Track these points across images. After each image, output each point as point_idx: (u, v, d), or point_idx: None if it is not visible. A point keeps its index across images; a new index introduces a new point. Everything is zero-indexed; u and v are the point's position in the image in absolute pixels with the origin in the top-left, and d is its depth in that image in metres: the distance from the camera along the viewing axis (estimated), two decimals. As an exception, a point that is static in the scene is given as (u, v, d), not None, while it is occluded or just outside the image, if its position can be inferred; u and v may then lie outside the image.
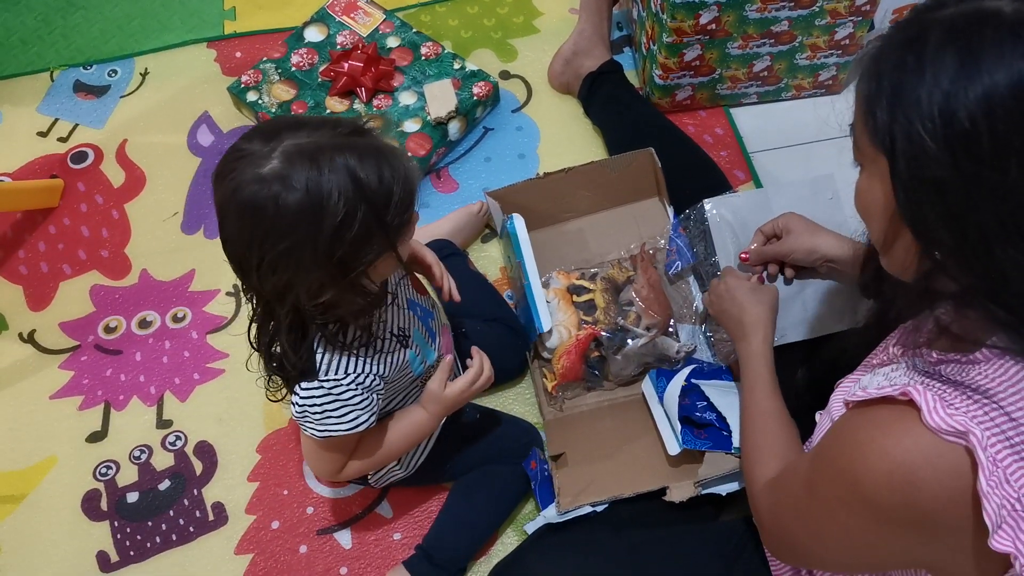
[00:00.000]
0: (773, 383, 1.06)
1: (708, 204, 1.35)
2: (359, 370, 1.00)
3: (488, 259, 1.57)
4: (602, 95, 1.67)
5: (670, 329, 1.38)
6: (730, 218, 1.34)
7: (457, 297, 1.22)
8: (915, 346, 0.78)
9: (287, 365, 0.98)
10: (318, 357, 0.98)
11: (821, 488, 0.78)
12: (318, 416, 1.00)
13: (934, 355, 0.74)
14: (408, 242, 0.97)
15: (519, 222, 1.41)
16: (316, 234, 0.84)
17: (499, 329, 1.39)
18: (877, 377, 0.76)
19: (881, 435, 0.69)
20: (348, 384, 0.99)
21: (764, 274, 1.27)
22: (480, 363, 1.16)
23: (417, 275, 1.20)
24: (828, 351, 1.08)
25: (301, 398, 1.00)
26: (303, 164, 0.83)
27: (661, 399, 1.27)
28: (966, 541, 0.67)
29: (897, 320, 0.86)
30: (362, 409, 1.02)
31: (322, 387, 0.99)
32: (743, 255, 1.27)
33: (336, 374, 0.99)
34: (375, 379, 1.02)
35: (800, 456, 0.92)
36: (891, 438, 0.68)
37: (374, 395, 1.03)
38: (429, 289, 1.27)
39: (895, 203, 0.69)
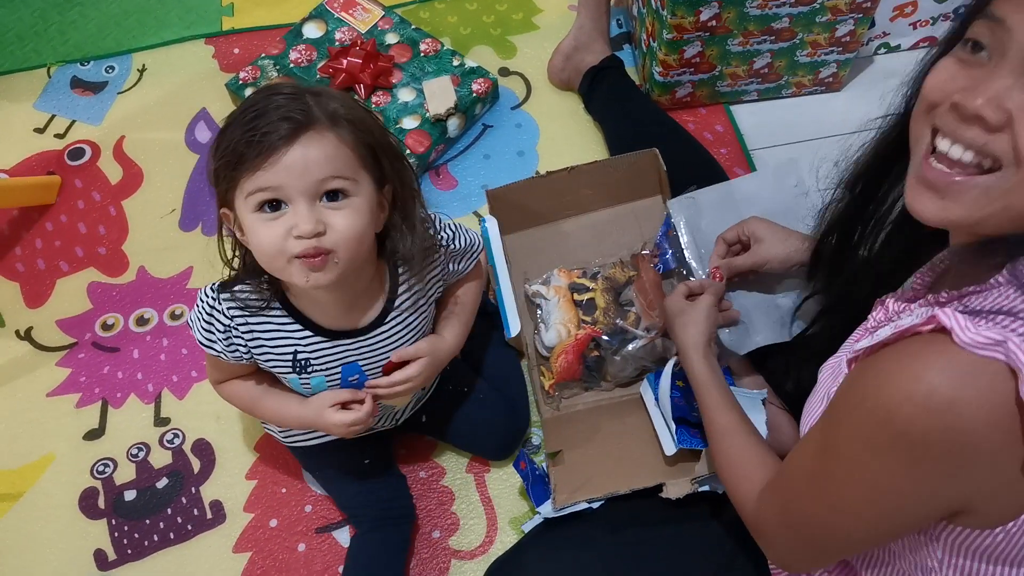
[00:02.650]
0: (723, 398, 1.03)
1: (671, 205, 1.35)
2: (237, 327, 1.04)
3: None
4: (603, 90, 1.66)
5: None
6: (693, 217, 1.35)
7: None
8: (914, 297, 0.76)
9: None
10: (238, 286, 1.03)
11: (843, 444, 0.73)
12: (195, 311, 1.06)
13: (944, 294, 0.72)
14: (246, 207, 0.93)
15: (492, 225, 1.41)
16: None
17: (500, 403, 1.36)
18: (883, 331, 0.73)
19: (912, 362, 0.66)
20: (221, 320, 1.04)
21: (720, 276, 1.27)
22: (368, 410, 1.11)
23: (397, 360, 1.13)
24: (801, 351, 1.08)
25: (202, 291, 1.05)
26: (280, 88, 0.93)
27: (656, 400, 1.27)
28: (1006, 462, 0.65)
29: (862, 300, 0.87)
30: (220, 343, 1.06)
31: (211, 303, 1.04)
32: (714, 271, 1.26)
33: (224, 306, 1.04)
34: (243, 344, 1.06)
35: (798, 444, 0.88)
36: (923, 362, 0.64)
37: (235, 351, 1.07)
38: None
39: None
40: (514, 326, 1.32)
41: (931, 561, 0.76)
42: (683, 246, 1.34)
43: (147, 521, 1.35)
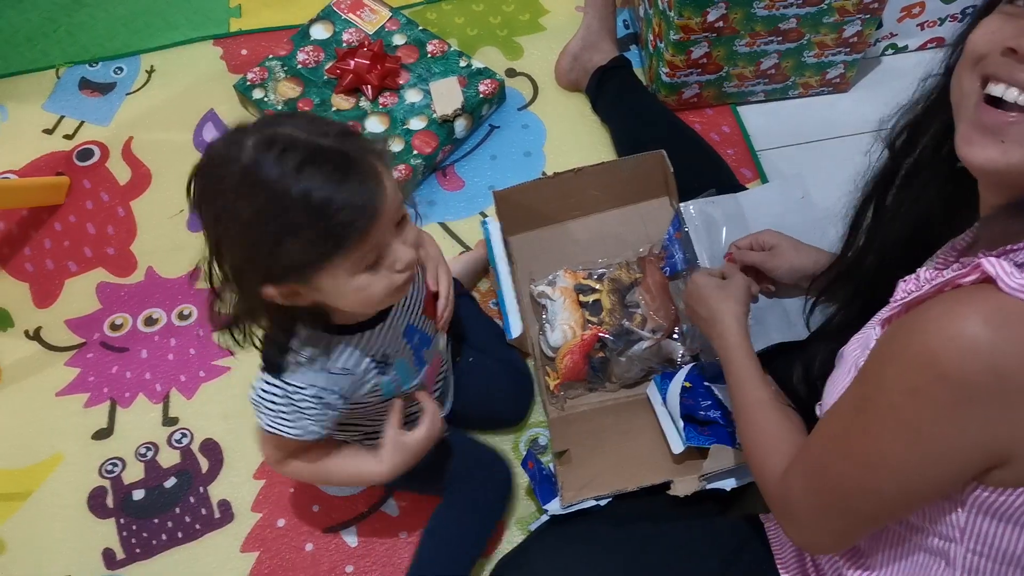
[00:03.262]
0: (760, 373, 1.03)
1: (690, 206, 1.36)
2: (323, 385, 0.99)
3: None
4: (611, 90, 1.67)
5: (675, 335, 1.37)
6: (705, 222, 1.36)
7: (445, 328, 1.21)
8: (946, 265, 0.76)
9: (265, 350, 0.99)
10: (290, 358, 0.97)
11: (883, 393, 0.71)
12: (270, 413, 1.00)
13: (981, 255, 0.72)
14: (348, 277, 0.89)
15: (493, 226, 1.41)
16: (248, 218, 0.82)
17: (507, 370, 1.38)
18: (925, 288, 0.73)
19: (956, 306, 0.66)
20: (308, 395, 0.98)
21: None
22: (432, 409, 1.11)
23: (433, 287, 1.18)
24: (815, 348, 1.08)
25: (261, 390, 0.99)
26: (264, 148, 0.81)
27: (664, 401, 1.27)
28: None
29: (877, 298, 0.87)
30: (315, 421, 1.01)
31: (283, 389, 0.98)
32: (728, 256, 1.27)
33: (299, 382, 0.98)
34: (337, 398, 1.02)
35: (824, 415, 0.86)
36: (968, 307, 0.65)
37: (331, 411, 1.02)
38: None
39: None
40: (515, 327, 1.32)
41: (953, 530, 0.75)
42: (695, 248, 1.34)
43: (155, 520, 1.36)
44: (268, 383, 0.98)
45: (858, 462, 0.75)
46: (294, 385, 0.98)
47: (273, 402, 0.99)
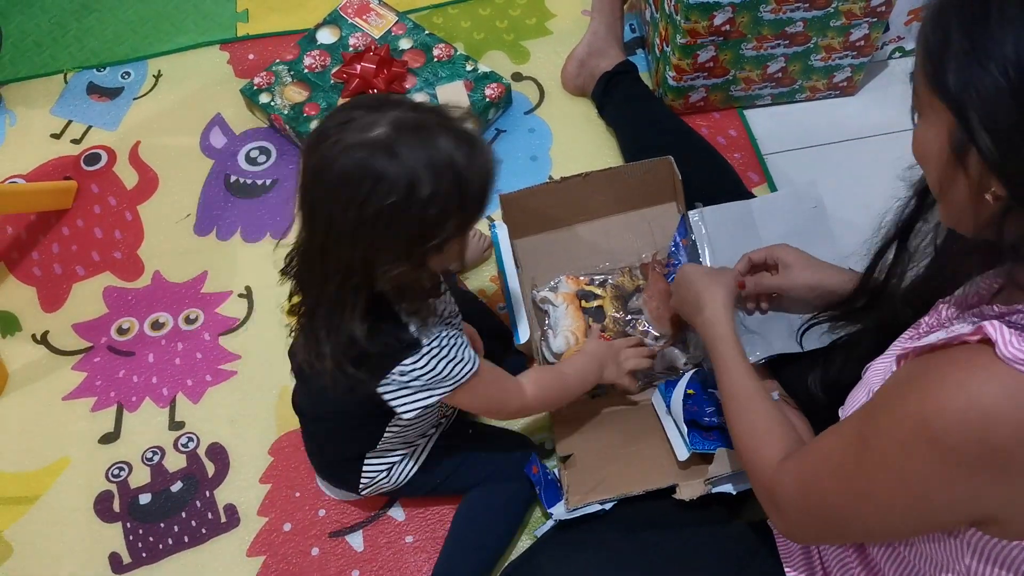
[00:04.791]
0: (747, 362, 1.03)
1: (693, 215, 1.36)
2: (446, 333, 1.02)
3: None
4: (617, 95, 1.66)
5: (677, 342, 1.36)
6: (713, 229, 1.35)
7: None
8: (971, 304, 0.77)
9: (377, 344, 0.98)
10: (412, 331, 0.99)
11: (878, 437, 0.73)
12: (449, 367, 1.02)
13: (995, 308, 0.73)
14: (468, 234, 1.00)
15: (502, 231, 1.41)
16: (408, 204, 0.87)
17: (496, 346, 1.37)
18: (935, 335, 0.74)
19: (955, 371, 0.67)
20: (447, 337, 1.01)
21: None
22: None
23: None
24: (839, 354, 1.07)
25: (421, 370, 1.00)
26: (408, 135, 0.87)
27: (668, 408, 1.26)
28: None
29: (903, 316, 0.87)
30: (467, 347, 1.05)
31: (431, 347, 1.00)
32: (740, 283, 1.26)
33: (431, 336, 1.00)
34: (459, 336, 1.05)
35: (831, 427, 0.87)
36: (966, 373, 0.66)
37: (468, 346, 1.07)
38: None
39: (948, 150, 0.68)
40: (523, 332, 1.32)
41: (963, 569, 0.76)
42: (700, 258, 1.33)
43: (161, 525, 1.36)
44: (418, 357, 0.99)
45: (847, 488, 0.78)
46: (436, 337, 1.00)
47: (442, 360, 1.01)
